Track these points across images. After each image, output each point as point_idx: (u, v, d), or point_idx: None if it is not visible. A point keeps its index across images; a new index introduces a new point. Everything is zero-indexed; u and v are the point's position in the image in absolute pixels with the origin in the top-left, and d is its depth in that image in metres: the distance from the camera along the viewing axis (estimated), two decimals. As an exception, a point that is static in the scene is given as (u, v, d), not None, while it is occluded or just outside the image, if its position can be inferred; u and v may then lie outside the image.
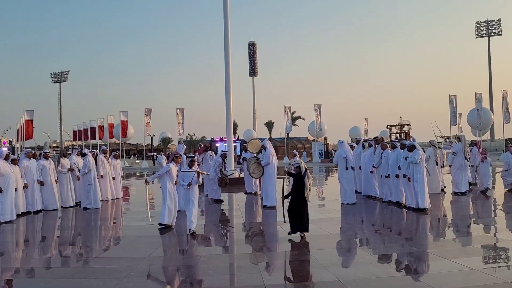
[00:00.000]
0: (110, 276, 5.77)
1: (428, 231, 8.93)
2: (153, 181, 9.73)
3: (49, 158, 12.46)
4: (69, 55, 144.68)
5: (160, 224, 8.90)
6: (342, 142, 12.09)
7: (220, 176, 12.83)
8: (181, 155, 10.65)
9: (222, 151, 14.33)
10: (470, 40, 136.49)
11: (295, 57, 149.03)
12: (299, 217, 7.67)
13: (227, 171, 14.12)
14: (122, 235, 9.15)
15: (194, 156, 9.01)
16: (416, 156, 10.44)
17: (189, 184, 8.30)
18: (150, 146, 55.50)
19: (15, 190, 10.63)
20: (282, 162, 37.34)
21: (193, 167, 8.55)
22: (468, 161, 14.21)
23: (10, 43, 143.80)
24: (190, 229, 8.24)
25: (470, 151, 14.83)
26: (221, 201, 13.19)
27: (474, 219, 10.25)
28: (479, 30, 79.26)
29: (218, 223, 10.11)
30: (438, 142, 15.40)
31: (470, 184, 14.86)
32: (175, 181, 9.04)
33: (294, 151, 15.02)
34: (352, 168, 11.92)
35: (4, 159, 10.50)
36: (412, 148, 10.75)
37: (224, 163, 13.49)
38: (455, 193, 13.60)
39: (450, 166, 14.76)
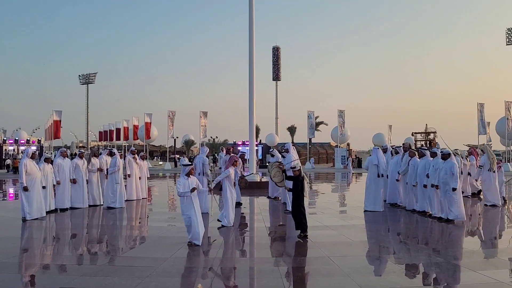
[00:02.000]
0: (133, 275, 5.83)
1: (455, 241, 8.69)
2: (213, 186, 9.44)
3: (83, 158, 12.79)
4: (97, 57, 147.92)
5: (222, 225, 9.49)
6: (378, 148, 12.26)
7: (240, 175, 12.89)
8: (239, 158, 10.67)
9: (240, 151, 14.31)
10: (501, 47, 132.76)
11: (318, 62, 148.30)
12: (304, 217, 8.32)
13: (245, 173, 14.14)
14: (145, 235, 9.27)
15: (191, 164, 8.09)
16: (454, 166, 10.09)
17: (193, 190, 7.56)
18: (173, 148, 56.11)
19: (43, 188, 10.89)
20: (304, 167, 37.12)
21: (190, 176, 7.76)
22: (494, 172, 13.74)
23: (41, 45, 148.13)
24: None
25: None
26: (240, 204, 13.18)
27: (502, 230, 9.95)
28: (510, 37, 77.03)
29: (238, 227, 10.08)
30: (455, 149, 15.00)
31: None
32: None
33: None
34: (382, 175, 11.89)
35: (30, 157, 10.76)
36: (446, 156, 10.27)
37: (243, 163, 13.51)
38: (485, 205, 13.21)
39: (476, 180, 14.39)
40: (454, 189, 9.97)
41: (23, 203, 10.38)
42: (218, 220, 9.56)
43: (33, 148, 11.65)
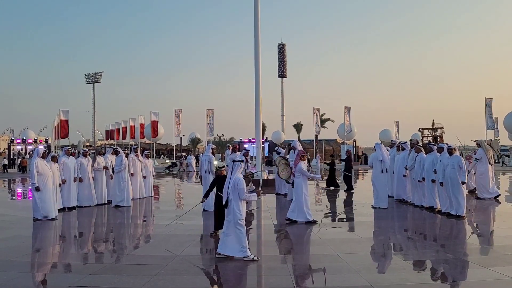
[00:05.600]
0: (141, 274, 5.84)
1: (464, 237, 8.62)
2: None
3: (88, 156, 12.80)
4: (103, 56, 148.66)
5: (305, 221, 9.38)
6: (380, 144, 12.00)
7: (244, 174, 12.81)
8: (306, 153, 10.54)
9: (244, 149, 14.24)
10: (509, 42, 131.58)
11: (324, 59, 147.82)
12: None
13: (251, 171, 14.07)
14: (152, 233, 9.28)
15: (242, 161, 7.26)
16: (461, 161, 10.08)
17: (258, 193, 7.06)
18: (179, 146, 56.21)
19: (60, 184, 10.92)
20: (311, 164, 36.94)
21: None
22: (491, 165, 13.84)
23: (47, 45, 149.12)
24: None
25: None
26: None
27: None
28: (517, 31, 76.08)
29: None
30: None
31: None
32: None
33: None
34: (387, 170, 11.75)
35: (41, 157, 10.76)
36: (453, 151, 10.27)
37: (247, 161, 13.44)
38: (485, 199, 13.23)
39: (474, 173, 14.29)
40: (463, 183, 9.97)
41: (36, 204, 10.23)
42: (287, 219, 9.50)
43: (41, 147, 11.65)
